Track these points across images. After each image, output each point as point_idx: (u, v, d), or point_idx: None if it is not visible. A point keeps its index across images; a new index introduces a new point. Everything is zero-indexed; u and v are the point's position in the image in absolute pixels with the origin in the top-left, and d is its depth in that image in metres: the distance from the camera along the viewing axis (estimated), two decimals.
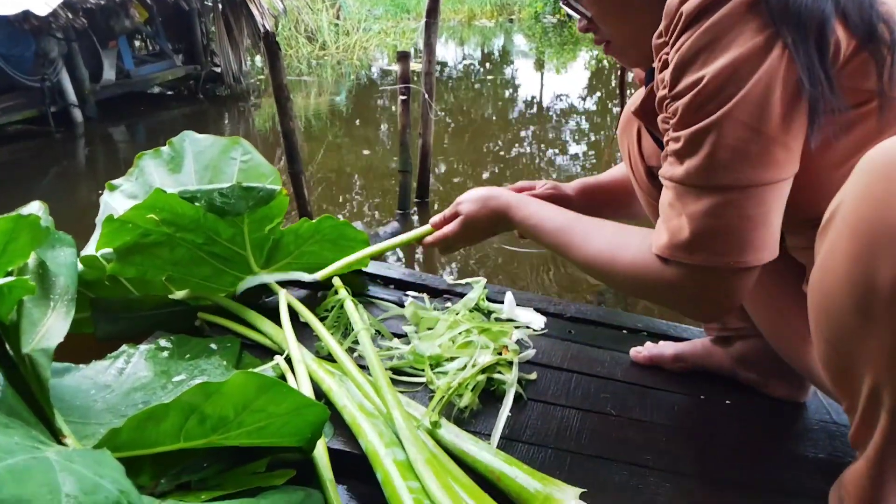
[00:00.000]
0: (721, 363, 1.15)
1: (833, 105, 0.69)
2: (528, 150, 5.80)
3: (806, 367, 0.94)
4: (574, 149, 5.82)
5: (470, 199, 1.12)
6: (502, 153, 5.62)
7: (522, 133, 6.37)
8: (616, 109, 6.87)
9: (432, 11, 3.01)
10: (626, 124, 1.11)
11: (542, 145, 5.91)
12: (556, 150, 5.74)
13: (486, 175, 4.89)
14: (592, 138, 6.18)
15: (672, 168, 0.77)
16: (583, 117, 7.00)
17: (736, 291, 0.78)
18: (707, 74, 0.70)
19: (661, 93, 0.78)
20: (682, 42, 0.72)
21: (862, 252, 0.58)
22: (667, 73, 0.75)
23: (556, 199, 1.23)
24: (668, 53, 0.76)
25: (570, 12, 0.95)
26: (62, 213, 3.69)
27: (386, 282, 1.52)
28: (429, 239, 1.19)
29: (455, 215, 1.14)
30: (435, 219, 1.20)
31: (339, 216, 3.81)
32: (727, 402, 1.11)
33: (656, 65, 0.80)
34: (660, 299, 0.87)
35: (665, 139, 0.79)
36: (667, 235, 0.79)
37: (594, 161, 5.40)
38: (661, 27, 0.77)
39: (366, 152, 5.38)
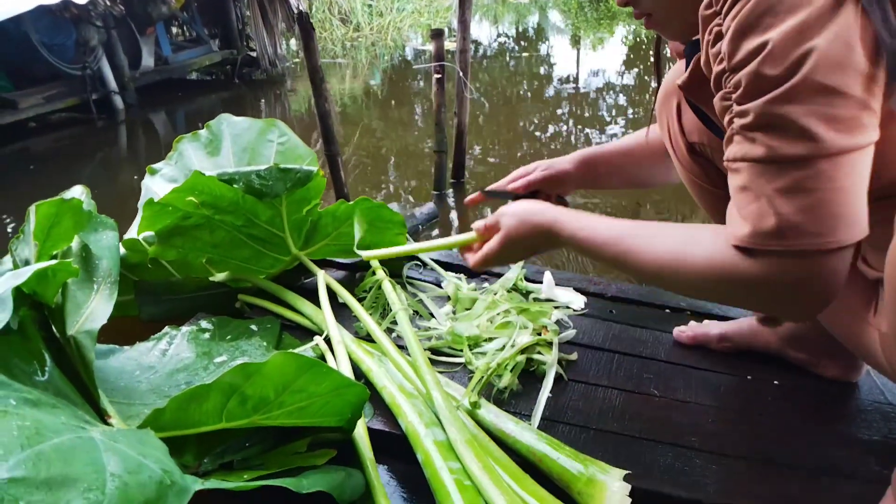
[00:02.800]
0: (769, 343, 1.11)
1: None
2: (565, 127, 5.72)
3: (861, 346, 0.90)
4: (612, 127, 5.72)
5: (512, 214, 1.00)
6: (538, 132, 5.55)
7: (559, 111, 6.27)
8: (654, 84, 6.71)
9: None
10: (664, 99, 1.07)
11: (579, 123, 5.82)
12: (594, 127, 5.65)
13: (521, 154, 4.84)
14: (631, 115, 6.06)
15: (743, 146, 0.70)
16: (621, 93, 6.87)
17: (836, 277, 0.68)
18: (772, 38, 0.65)
19: (717, 68, 0.73)
20: (738, 8, 0.67)
21: None
22: (722, 45, 0.70)
23: (554, 177, 1.20)
24: (720, 24, 0.71)
25: None
26: (105, 199, 3.77)
27: (423, 262, 1.51)
28: (470, 261, 1.07)
29: (496, 227, 1.02)
30: (477, 224, 1.08)
31: (377, 197, 3.84)
32: (775, 382, 1.07)
33: (706, 37, 0.75)
34: (745, 300, 0.78)
35: (727, 118, 0.73)
36: (747, 223, 0.70)
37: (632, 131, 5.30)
38: None
39: (401, 133, 5.38)
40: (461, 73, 3.01)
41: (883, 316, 0.67)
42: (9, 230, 3.54)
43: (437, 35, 2.94)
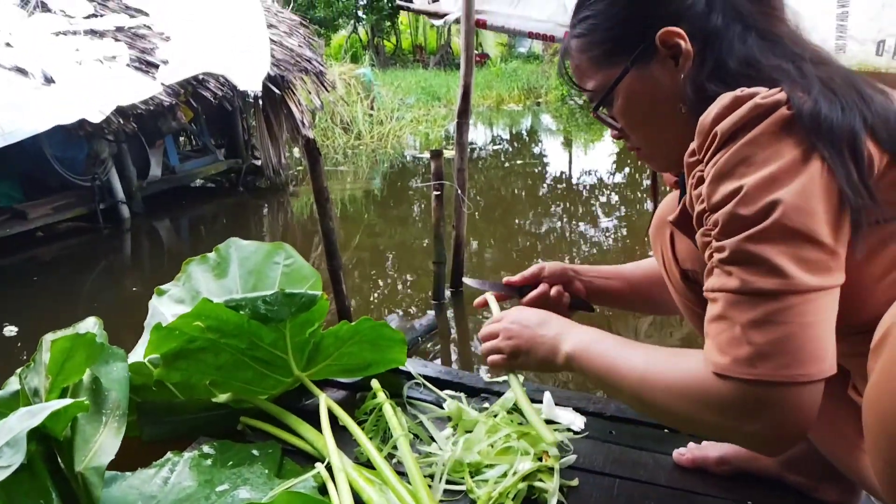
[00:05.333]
0: (767, 466, 1.12)
1: (876, 215, 0.72)
2: (559, 225, 5.87)
3: (856, 473, 0.91)
4: (605, 222, 5.87)
5: (518, 324, 1.05)
6: (533, 228, 5.69)
7: (553, 209, 6.45)
8: (648, 182, 6.91)
9: (463, 113, 3.15)
10: (658, 227, 1.13)
11: (573, 221, 5.98)
12: (587, 224, 5.80)
13: (516, 254, 4.94)
14: (623, 212, 6.24)
15: (720, 279, 0.76)
16: (613, 192, 7.08)
17: (804, 411, 0.72)
18: (746, 184, 0.71)
19: (698, 208, 0.80)
20: (717, 158, 0.75)
21: None
22: (703, 188, 0.78)
23: (562, 272, 1.26)
24: (702, 171, 0.79)
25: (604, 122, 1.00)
26: (109, 308, 3.82)
27: (423, 380, 1.53)
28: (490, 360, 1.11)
29: (497, 335, 1.08)
30: (486, 343, 1.13)
31: (376, 299, 3.88)
32: None
33: (689, 181, 0.83)
34: (720, 428, 0.79)
35: (707, 252, 0.80)
36: (723, 350, 0.75)
37: (625, 232, 5.43)
38: (693, 145, 0.80)
39: (400, 233, 5.50)
40: (459, 191, 3.15)
41: (868, 454, 0.70)
42: (5, 334, 3.56)
43: (436, 155, 3.11)
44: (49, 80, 4.75)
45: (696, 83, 0.83)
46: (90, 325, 1.13)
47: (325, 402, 1.30)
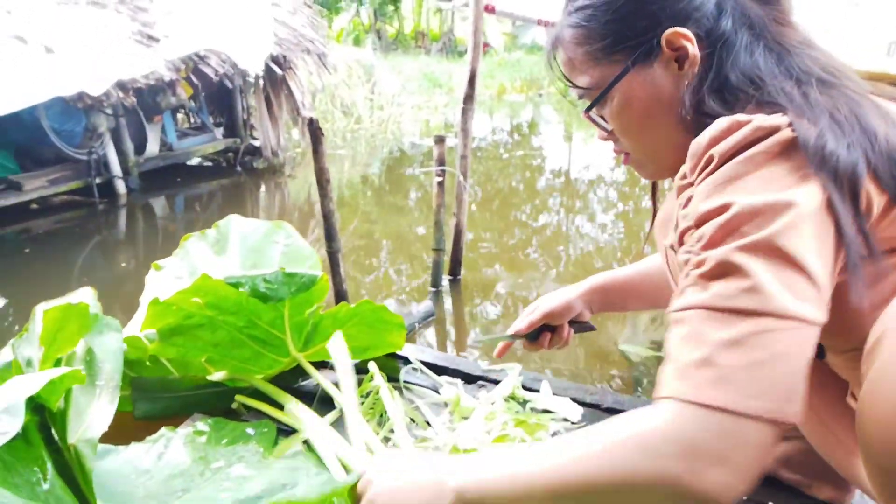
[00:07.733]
0: None
1: (871, 256, 0.67)
2: (556, 218, 5.87)
3: (852, 476, 0.91)
4: (602, 217, 5.88)
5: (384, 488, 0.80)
6: (531, 221, 5.69)
7: (550, 201, 6.45)
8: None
9: (468, 98, 3.13)
10: (660, 227, 1.11)
11: (571, 213, 5.98)
12: (585, 218, 5.81)
13: (512, 241, 4.95)
14: (621, 208, 6.24)
15: (694, 295, 0.67)
16: (611, 186, 7.08)
17: (762, 455, 0.63)
18: (740, 199, 0.66)
19: (683, 225, 0.75)
20: (709, 171, 0.71)
21: None
22: (691, 205, 0.72)
23: (557, 312, 1.24)
24: (692, 194, 0.74)
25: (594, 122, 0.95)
26: (102, 282, 3.81)
27: (421, 365, 1.52)
28: None
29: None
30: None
31: (371, 282, 3.88)
32: (769, 503, 1.08)
33: (678, 202, 0.78)
34: (664, 472, 0.63)
35: (685, 270, 0.71)
36: (685, 373, 0.65)
37: (622, 228, 5.44)
38: (684, 168, 0.76)
39: (398, 221, 5.49)
40: (461, 178, 3.15)
41: (862, 458, 0.69)
42: None
43: (439, 141, 3.09)
44: (49, 50, 4.70)
45: (696, 93, 0.79)
46: (84, 295, 1.12)
47: (322, 383, 1.29)
